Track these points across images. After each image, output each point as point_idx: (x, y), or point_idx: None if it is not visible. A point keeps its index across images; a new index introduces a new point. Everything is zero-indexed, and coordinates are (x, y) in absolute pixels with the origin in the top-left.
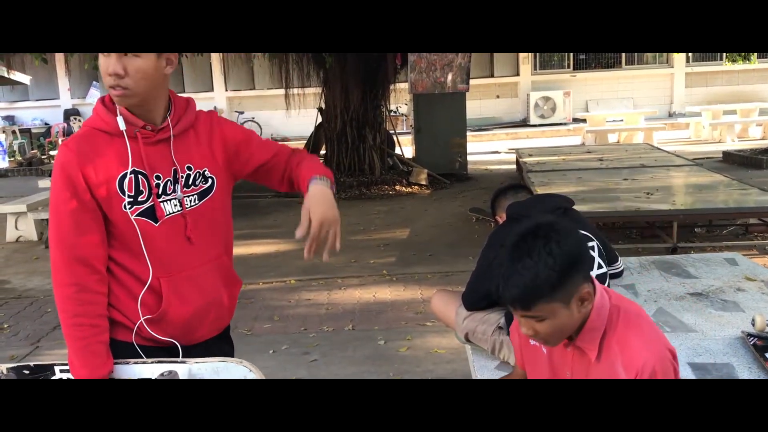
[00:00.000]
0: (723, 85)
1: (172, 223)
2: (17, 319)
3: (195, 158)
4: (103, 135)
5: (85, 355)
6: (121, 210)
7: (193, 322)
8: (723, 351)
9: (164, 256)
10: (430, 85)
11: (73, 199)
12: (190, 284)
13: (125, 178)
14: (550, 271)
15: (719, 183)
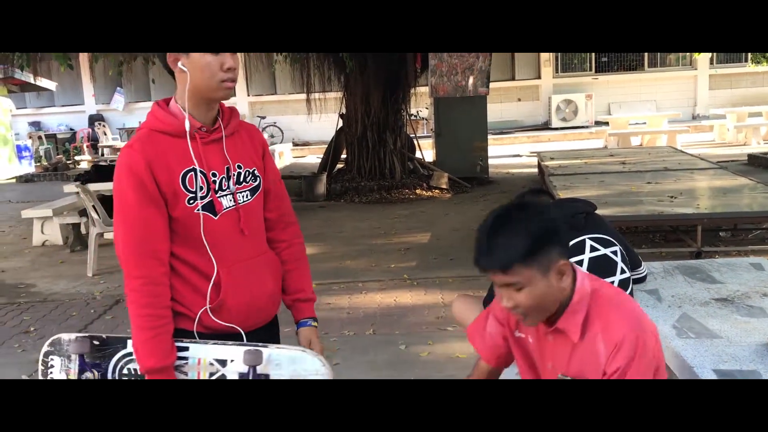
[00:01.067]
0: (748, 87)
1: (228, 217)
2: (43, 323)
3: (244, 158)
4: (163, 136)
5: (153, 345)
6: (185, 205)
7: (249, 311)
8: (749, 358)
9: (222, 247)
10: (451, 89)
11: (142, 196)
12: (245, 274)
13: (187, 175)
14: (525, 236)
15: (744, 186)
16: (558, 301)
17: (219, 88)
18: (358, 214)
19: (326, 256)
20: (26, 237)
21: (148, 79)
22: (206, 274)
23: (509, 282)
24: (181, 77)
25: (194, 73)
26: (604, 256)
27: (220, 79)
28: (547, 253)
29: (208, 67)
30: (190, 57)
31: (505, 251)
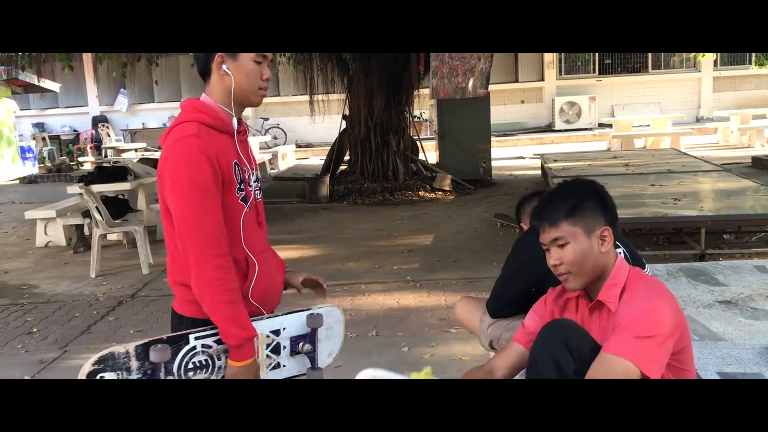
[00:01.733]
0: (752, 89)
1: (252, 209)
2: (46, 324)
3: (253, 162)
4: (212, 131)
5: (244, 316)
6: (234, 194)
7: (269, 297)
8: (753, 360)
9: (250, 236)
10: (451, 91)
11: (218, 181)
12: (266, 263)
13: (234, 168)
14: (571, 197)
15: (748, 188)
16: (598, 266)
17: (256, 94)
18: (361, 216)
19: (329, 257)
20: (29, 238)
21: (151, 81)
22: (237, 262)
23: (555, 236)
24: (223, 80)
25: (238, 77)
26: None
27: (259, 86)
28: (591, 215)
29: (253, 74)
30: (237, 61)
31: (555, 208)
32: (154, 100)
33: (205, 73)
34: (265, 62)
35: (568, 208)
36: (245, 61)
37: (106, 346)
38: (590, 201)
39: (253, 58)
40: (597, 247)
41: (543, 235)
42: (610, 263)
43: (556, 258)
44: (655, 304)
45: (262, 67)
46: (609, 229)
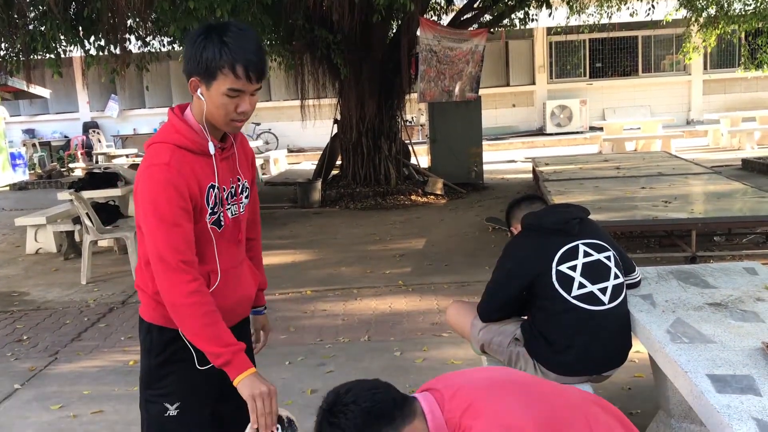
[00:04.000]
0: (741, 92)
1: (229, 227)
2: (36, 331)
3: (243, 170)
4: (187, 153)
5: (222, 335)
6: (205, 220)
7: (233, 312)
8: (743, 362)
9: (221, 256)
10: (437, 94)
11: (182, 210)
12: (234, 279)
13: (208, 192)
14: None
15: (738, 191)
16: None
17: (227, 124)
18: (353, 221)
19: (321, 262)
20: (20, 245)
21: (142, 87)
22: (205, 279)
23: None
24: (198, 101)
25: (209, 106)
26: (598, 261)
27: (231, 118)
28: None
29: (223, 107)
30: (209, 91)
31: None
32: (145, 106)
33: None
34: (242, 96)
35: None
36: (216, 93)
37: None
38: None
39: (224, 92)
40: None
41: None
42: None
43: None
44: None
45: (239, 100)
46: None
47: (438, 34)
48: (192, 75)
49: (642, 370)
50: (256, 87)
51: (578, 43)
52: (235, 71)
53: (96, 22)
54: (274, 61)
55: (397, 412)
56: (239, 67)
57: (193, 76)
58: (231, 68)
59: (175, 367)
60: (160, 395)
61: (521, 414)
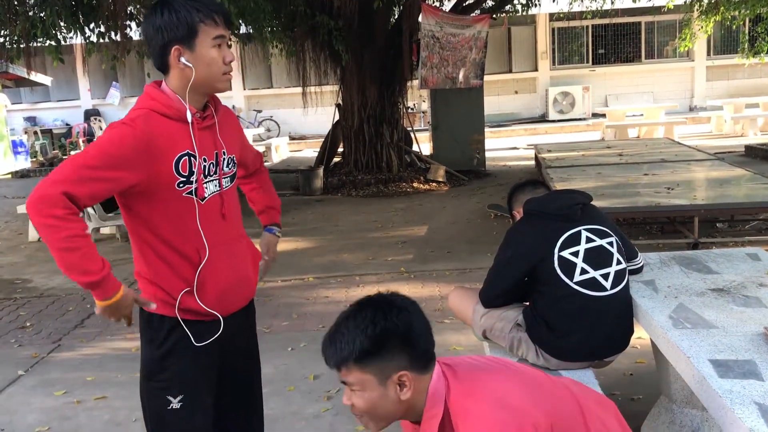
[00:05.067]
0: (745, 78)
1: (212, 202)
2: (39, 318)
3: (229, 144)
4: (161, 118)
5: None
6: (175, 189)
7: (228, 294)
8: (745, 347)
9: (205, 231)
10: (440, 81)
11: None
12: (225, 257)
13: (181, 160)
14: (365, 336)
15: (741, 177)
16: (398, 411)
17: (222, 80)
18: (355, 208)
19: (323, 249)
20: (22, 233)
21: (143, 74)
22: (188, 257)
23: (344, 379)
24: (184, 73)
25: (200, 68)
26: (600, 247)
27: (223, 71)
28: (386, 360)
29: (214, 61)
30: (195, 52)
31: (341, 348)
32: None
33: (163, 68)
34: (224, 43)
35: (358, 350)
36: (204, 50)
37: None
38: (391, 339)
39: (211, 44)
40: (394, 394)
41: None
42: (419, 400)
43: (347, 399)
44: None
45: (223, 50)
46: (408, 373)
47: (440, 20)
48: (171, 44)
49: (644, 356)
50: (230, 34)
51: (581, 30)
52: (214, 19)
53: (96, 8)
54: (275, 47)
55: (421, 357)
56: (216, 15)
57: (174, 44)
58: (211, 18)
59: (176, 358)
60: (162, 388)
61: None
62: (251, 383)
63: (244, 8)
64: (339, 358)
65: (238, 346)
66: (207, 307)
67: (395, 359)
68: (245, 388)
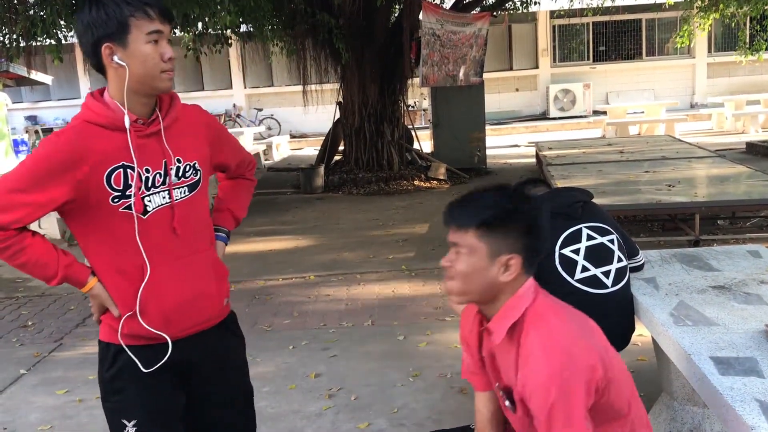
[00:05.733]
0: (746, 75)
1: (160, 216)
2: (41, 317)
3: (185, 150)
4: (96, 128)
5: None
6: (109, 204)
7: (179, 313)
8: (746, 345)
9: (149, 248)
10: (441, 79)
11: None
12: (174, 276)
13: (113, 173)
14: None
15: (742, 174)
16: (489, 291)
17: (161, 78)
18: (356, 206)
19: (324, 248)
20: None
21: None
22: (131, 278)
23: (455, 240)
24: (118, 72)
25: (134, 67)
26: (601, 245)
27: (161, 69)
28: (505, 237)
29: (150, 58)
30: (128, 49)
31: (471, 210)
32: None
33: (99, 69)
34: (162, 39)
35: (484, 218)
36: (137, 46)
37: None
38: (519, 220)
39: (145, 39)
40: (496, 272)
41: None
42: (507, 292)
43: (449, 259)
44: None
45: (160, 46)
46: (518, 258)
47: (441, 17)
48: (101, 41)
49: (645, 354)
50: (170, 29)
51: (581, 27)
52: (147, 13)
53: None
54: (276, 46)
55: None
56: (148, 7)
57: (104, 42)
58: (142, 11)
59: (125, 383)
60: (117, 410)
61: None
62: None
63: (243, 7)
64: (465, 218)
65: (210, 374)
66: (153, 329)
67: (513, 242)
68: (228, 427)
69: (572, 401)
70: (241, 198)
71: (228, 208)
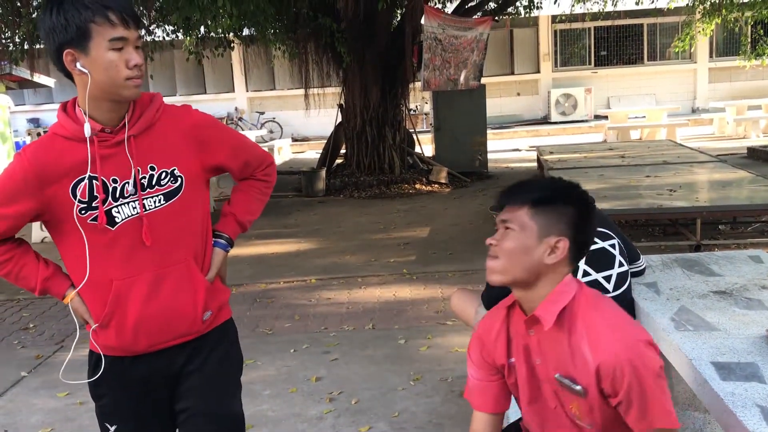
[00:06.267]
0: (747, 80)
1: (129, 227)
2: (42, 319)
3: (160, 157)
4: (62, 141)
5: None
6: (76, 215)
7: (145, 328)
8: (747, 350)
9: (117, 260)
10: (442, 83)
11: (11, 205)
12: (141, 289)
13: (79, 185)
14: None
15: (743, 179)
16: (532, 273)
17: (125, 86)
18: (358, 209)
19: (325, 251)
20: (26, 234)
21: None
22: (98, 289)
23: (507, 217)
24: (81, 79)
25: (96, 74)
26: (602, 249)
27: (126, 76)
28: (557, 219)
29: (113, 66)
30: (90, 56)
31: (527, 189)
32: None
33: (67, 76)
34: (128, 46)
35: (540, 197)
36: (99, 53)
37: None
38: (569, 207)
39: (108, 47)
40: (542, 253)
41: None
42: (548, 277)
43: (495, 238)
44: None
45: (126, 53)
46: (566, 242)
47: (442, 22)
48: (63, 47)
49: None
50: (137, 35)
51: (583, 31)
52: (109, 18)
53: None
54: (278, 49)
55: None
56: (110, 12)
57: (65, 48)
58: (103, 16)
59: (105, 389)
60: (100, 414)
61: None
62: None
63: (245, 10)
64: (520, 195)
65: (187, 390)
66: (117, 344)
67: (563, 225)
68: None
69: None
70: (248, 200)
71: (231, 212)
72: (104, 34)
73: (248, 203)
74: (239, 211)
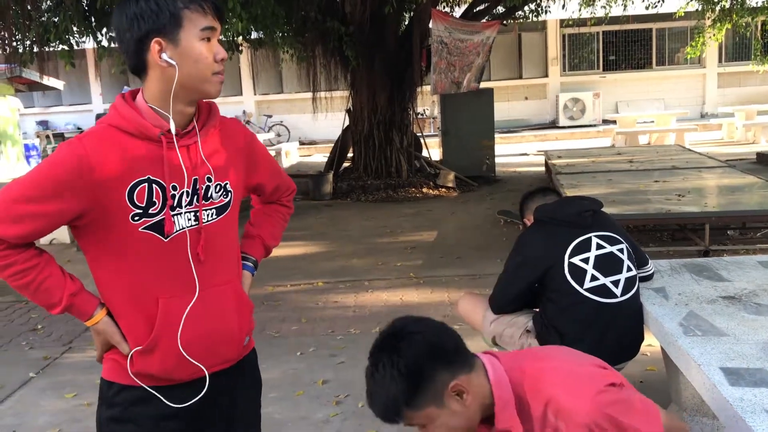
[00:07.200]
0: (757, 85)
1: (183, 240)
2: (50, 320)
3: (216, 168)
4: (122, 135)
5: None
6: (128, 222)
7: (199, 351)
8: (756, 356)
9: (168, 276)
10: (448, 86)
11: (51, 201)
12: (192, 309)
13: (137, 188)
14: (396, 384)
15: (753, 185)
16: (476, 414)
17: (211, 82)
18: (365, 213)
19: (333, 254)
20: None
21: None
22: (143, 308)
23: (410, 423)
24: (165, 73)
25: (185, 66)
26: (611, 254)
27: (214, 71)
28: (430, 385)
29: (202, 58)
30: (180, 46)
31: (385, 402)
32: None
33: (139, 69)
34: (214, 37)
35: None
36: (190, 43)
37: None
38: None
39: (199, 36)
40: (459, 407)
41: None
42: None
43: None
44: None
45: (213, 45)
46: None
47: (450, 25)
48: (150, 36)
49: (654, 363)
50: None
51: (591, 36)
52: (202, 6)
53: (108, 13)
54: (286, 53)
55: (458, 357)
56: (204, 2)
57: (154, 36)
58: (197, 5)
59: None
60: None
61: None
62: None
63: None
64: (392, 414)
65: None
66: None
67: (437, 378)
68: None
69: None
70: (275, 225)
71: (259, 234)
72: (197, 23)
73: (273, 227)
74: (266, 234)
